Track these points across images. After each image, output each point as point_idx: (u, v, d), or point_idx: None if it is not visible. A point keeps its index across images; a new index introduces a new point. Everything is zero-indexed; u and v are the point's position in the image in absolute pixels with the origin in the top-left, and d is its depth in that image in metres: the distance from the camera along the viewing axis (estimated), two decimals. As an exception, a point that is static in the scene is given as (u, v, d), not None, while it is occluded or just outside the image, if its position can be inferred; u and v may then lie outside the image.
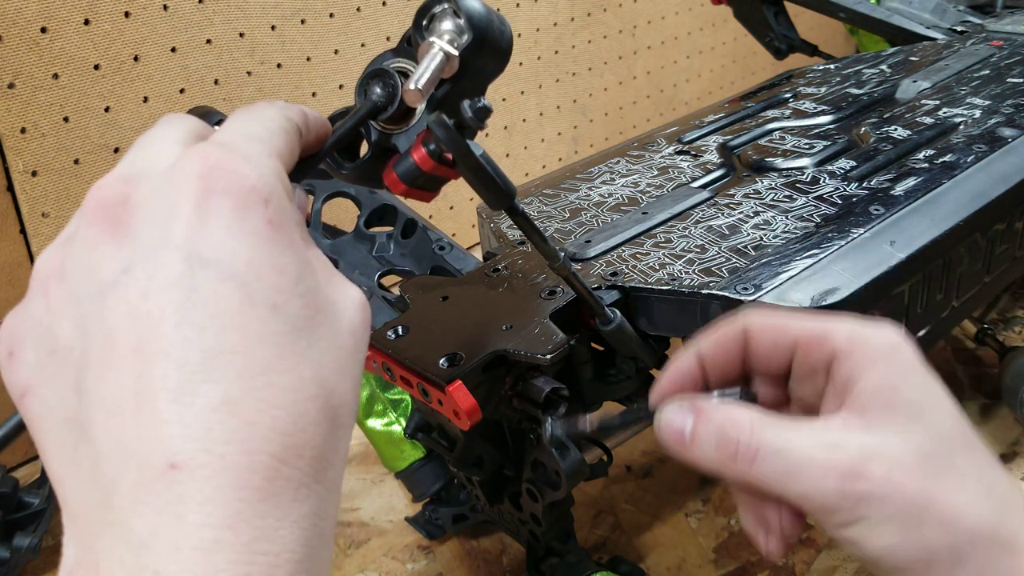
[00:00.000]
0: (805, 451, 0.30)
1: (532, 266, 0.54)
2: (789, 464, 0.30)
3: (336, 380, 0.26)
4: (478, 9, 0.36)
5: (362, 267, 0.60)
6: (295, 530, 0.23)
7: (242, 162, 0.25)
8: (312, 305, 0.26)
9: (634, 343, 0.48)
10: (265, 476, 0.23)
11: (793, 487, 0.30)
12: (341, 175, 0.40)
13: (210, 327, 0.23)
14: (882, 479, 0.29)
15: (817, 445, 0.30)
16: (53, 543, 0.72)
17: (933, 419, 0.31)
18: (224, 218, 0.24)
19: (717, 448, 0.31)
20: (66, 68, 0.77)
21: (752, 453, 0.30)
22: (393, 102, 0.37)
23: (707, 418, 0.32)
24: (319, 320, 0.26)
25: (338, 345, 0.26)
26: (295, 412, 0.24)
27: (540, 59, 1.18)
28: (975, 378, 0.78)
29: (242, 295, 0.24)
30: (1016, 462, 0.68)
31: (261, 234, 0.25)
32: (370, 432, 0.61)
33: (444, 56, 0.36)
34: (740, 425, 0.31)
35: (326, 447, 0.25)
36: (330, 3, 0.94)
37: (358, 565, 0.66)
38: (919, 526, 0.29)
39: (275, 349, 0.24)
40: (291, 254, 0.25)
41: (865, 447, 0.29)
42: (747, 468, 0.30)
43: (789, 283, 0.45)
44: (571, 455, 0.49)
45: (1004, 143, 0.59)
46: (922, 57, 0.81)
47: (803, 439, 0.30)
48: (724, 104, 0.77)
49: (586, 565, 0.55)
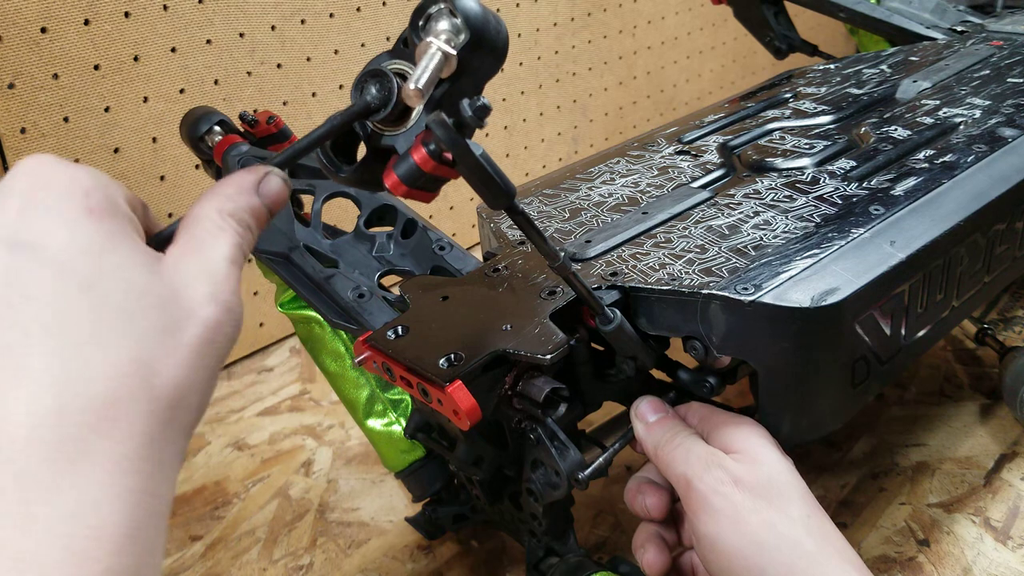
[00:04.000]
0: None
1: (532, 266, 0.54)
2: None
3: (165, 364, 0.27)
4: (474, 8, 0.36)
5: (362, 267, 0.60)
6: (118, 504, 0.24)
7: (67, 164, 0.28)
8: (137, 290, 0.27)
9: (634, 343, 0.48)
10: (77, 448, 0.24)
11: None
12: (339, 179, 0.40)
13: (23, 305, 0.25)
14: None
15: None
16: (53, 543, 0.72)
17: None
18: (44, 206, 0.27)
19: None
20: (66, 68, 0.77)
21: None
22: (388, 103, 0.37)
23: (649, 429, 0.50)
24: (147, 304, 0.27)
25: (173, 332, 0.27)
26: (109, 386, 0.25)
27: (540, 59, 1.18)
28: (975, 378, 0.78)
29: (55, 275, 0.26)
30: (1016, 462, 0.68)
31: (79, 221, 0.27)
32: (370, 432, 0.61)
33: (442, 56, 0.36)
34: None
35: (150, 427, 0.26)
36: (330, 3, 0.94)
37: (358, 565, 0.66)
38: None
39: (89, 326, 0.25)
40: (112, 241, 0.27)
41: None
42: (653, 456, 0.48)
43: (789, 283, 0.45)
44: (571, 455, 0.49)
45: (1004, 143, 0.59)
46: (922, 57, 0.81)
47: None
48: (724, 104, 0.77)
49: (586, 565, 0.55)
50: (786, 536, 0.42)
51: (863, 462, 0.70)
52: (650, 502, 0.50)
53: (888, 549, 0.62)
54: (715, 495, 0.44)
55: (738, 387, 0.73)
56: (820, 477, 0.69)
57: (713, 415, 0.49)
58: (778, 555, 0.41)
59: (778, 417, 0.47)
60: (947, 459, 0.69)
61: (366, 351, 0.49)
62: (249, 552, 0.69)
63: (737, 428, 0.47)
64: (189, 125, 0.67)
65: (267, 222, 0.33)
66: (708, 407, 0.50)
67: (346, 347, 0.62)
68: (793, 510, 0.43)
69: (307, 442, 0.81)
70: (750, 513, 0.43)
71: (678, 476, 0.46)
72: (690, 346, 0.48)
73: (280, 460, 0.79)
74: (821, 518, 0.43)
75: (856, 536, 0.63)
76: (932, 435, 0.72)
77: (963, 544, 0.61)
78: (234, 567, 0.67)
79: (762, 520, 0.42)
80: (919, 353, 0.54)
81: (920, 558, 0.61)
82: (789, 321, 0.44)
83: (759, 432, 0.47)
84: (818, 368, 0.46)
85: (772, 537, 0.42)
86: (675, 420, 0.49)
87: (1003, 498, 0.65)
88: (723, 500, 0.43)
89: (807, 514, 0.43)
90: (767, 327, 0.45)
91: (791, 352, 0.45)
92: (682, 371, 0.52)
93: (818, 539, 0.42)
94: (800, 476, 0.45)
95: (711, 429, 0.48)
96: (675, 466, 0.46)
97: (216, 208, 0.31)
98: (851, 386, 0.48)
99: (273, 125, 0.68)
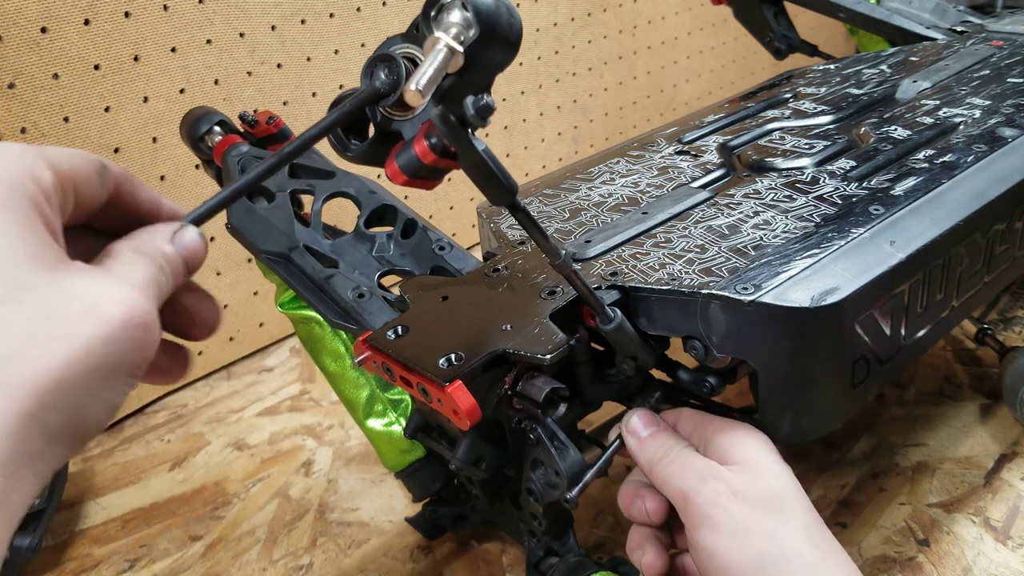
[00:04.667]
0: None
1: (532, 266, 0.54)
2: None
3: (34, 352, 0.25)
4: (486, 2, 0.36)
5: (362, 267, 0.60)
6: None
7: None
8: (8, 278, 0.26)
9: (634, 343, 0.48)
10: None
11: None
12: (346, 156, 0.40)
13: None
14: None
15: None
16: (53, 543, 0.72)
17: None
18: None
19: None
20: (66, 68, 0.77)
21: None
22: (397, 89, 0.37)
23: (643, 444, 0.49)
24: (22, 295, 0.26)
25: (56, 324, 0.26)
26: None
27: (540, 59, 1.18)
28: (975, 378, 0.78)
29: None
30: (1016, 462, 0.68)
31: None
32: (370, 432, 0.61)
33: (448, 52, 0.35)
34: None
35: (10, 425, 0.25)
36: (330, 3, 0.94)
37: (358, 565, 0.66)
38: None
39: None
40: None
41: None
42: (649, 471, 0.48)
43: (789, 283, 0.45)
44: (571, 455, 0.49)
45: (1004, 143, 0.59)
46: (922, 57, 0.81)
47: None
48: (724, 104, 0.77)
49: (586, 565, 0.55)
50: (787, 548, 0.42)
51: (863, 462, 0.70)
52: (650, 506, 0.49)
53: (888, 549, 0.62)
54: (714, 508, 0.43)
55: (738, 387, 0.73)
56: (820, 477, 0.69)
57: (708, 423, 0.48)
58: (779, 568, 0.41)
59: (778, 417, 0.47)
60: (947, 459, 0.69)
61: (366, 351, 0.49)
62: (249, 552, 0.69)
63: (734, 436, 0.46)
64: (189, 125, 0.67)
65: (183, 274, 0.32)
66: (700, 414, 0.49)
67: (346, 347, 0.62)
68: (794, 521, 0.43)
69: (307, 442, 0.81)
70: (750, 526, 0.42)
71: (675, 491, 0.45)
72: (690, 346, 0.48)
73: (280, 460, 0.79)
74: (822, 529, 0.43)
75: (856, 536, 0.63)
76: (932, 435, 0.72)
77: (963, 544, 0.61)
78: (234, 567, 0.67)
79: (763, 533, 0.42)
80: (919, 353, 0.54)
81: (920, 558, 0.61)
82: (789, 321, 0.44)
83: (757, 439, 0.46)
84: (818, 368, 0.46)
85: (773, 550, 0.41)
86: (668, 434, 0.49)
87: (1003, 498, 0.65)
88: (723, 513, 0.43)
89: (808, 525, 0.43)
90: (767, 327, 0.45)
91: (791, 352, 0.45)
92: (682, 371, 0.52)
93: (820, 550, 0.42)
94: (800, 485, 0.45)
95: (707, 438, 0.47)
96: (672, 481, 0.46)
97: (130, 247, 0.31)
98: (851, 386, 0.48)
99: (273, 125, 0.68)
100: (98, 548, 0.71)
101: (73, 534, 0.73)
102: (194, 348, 0.93)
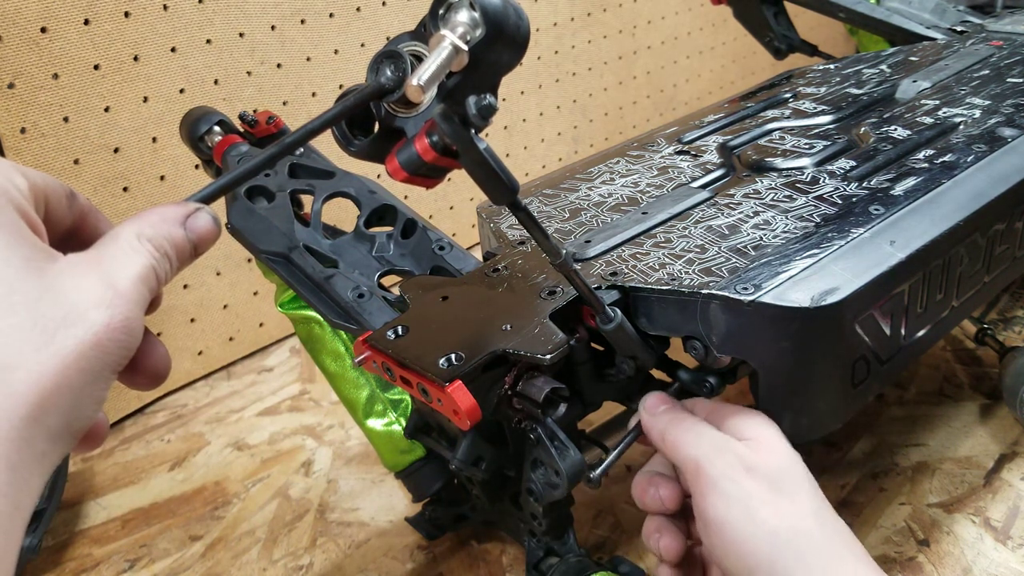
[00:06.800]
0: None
1: (532, 266, 0.54)
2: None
3: (29, 360, 0.26)
4: (494, 3, 0.35)
5: (362, 267, 0.60)
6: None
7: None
8: (7, 289, 0.26)
9: (634, 343, 0.48)
10: None
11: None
12: (349, 151, 0.40)
13: None
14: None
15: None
16: (53, 543, 0.72)
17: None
18: None
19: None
20: (66, 68, 0.77)
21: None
22: (401, 85, 0.37)
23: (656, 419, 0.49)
24: (15, 301, 0.26)
25: (46, 330, 0.27)
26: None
27: (540, 59, 1.18)
28: (975, 378, 0.78)
29: None
30: (1016, 462, 0.68)
31: None
32: (370, 432, 0.61)
33: (452, 50, 0.35)
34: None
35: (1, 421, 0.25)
36: (330, 3, 0.94)
37: (358, 565, 0.66)
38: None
39: None
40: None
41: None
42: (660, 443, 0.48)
43: (789, 283, 0.45)
44: (571, 455, 0.49)
45: (1004, 143, 0.59)
46: (922, 57, 0.81)
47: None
48: (724, 104, 0.77)
49: (586, 565, 0.55)
50: (797, 528, 0.42)
51: (863, 462, 0.70)
52: (664, 493, 0.49)
53: (888, 549, 0.62)
54: (726, 481, 0.43)
55: (738, 387, 0.73)
56: (820, 477, 0.68)
57: (721, 408, 0.48)
58: (790, 546, 0.41)
59: (778, 417, 0.47)
60: (947, 459, 0.69)
61: (366, 351, 0.49)
62: (249, 552, 0.69)
63: (747, 417, 0.46)
64: (189, 125, 0.67)
65: (191, 257, 0.32)
66: (713, 402, 0.50)
67: (346, 347, 0.61)
68: (804, 502, 0.43)
69: (307, 442, 0.81)
70: (762, 503, 0.42)
71: (687, 458, 0.45)
72: (690, 346, 0.48)
73: (280, 460, 0.79)
74: (830, 512, 0.43)
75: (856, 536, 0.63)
76: (932, 435, 0.72)
77: (963, 544, 0.61)
78: (234, 567, 0.67)
79: (774, 510, 0.42)
80: (919, 353, 0.54)
81: (920, 558, 0.61)
82: (789, 321, 0.44)
83: (769, 422, 0.46)
84: (818, 368, 0.46)
85: (784, 528, 0.42)
86: (683, 409, 0.49)
87: (1003, 498, 0.65)
88: (735, 487, 0.43)
89: (817, 507, 0.43)
90: (767, 327, 0.45)
91: (791, 352, 0.45)
92: (682, 371, 0.52)
93: (829, 533, 0.42)
94: (808, 469, 0.45)
95: (721, 419, 0.47)
96: (684, 448, 0.46)
97: (135, 231, 0.31)
98: (851, 386, 0.48)
99: (273, 125, 0.68)
100: (98, 548, 0.71)
101: (73, 534, 0.73)
102: (194, 348, 0.93)
